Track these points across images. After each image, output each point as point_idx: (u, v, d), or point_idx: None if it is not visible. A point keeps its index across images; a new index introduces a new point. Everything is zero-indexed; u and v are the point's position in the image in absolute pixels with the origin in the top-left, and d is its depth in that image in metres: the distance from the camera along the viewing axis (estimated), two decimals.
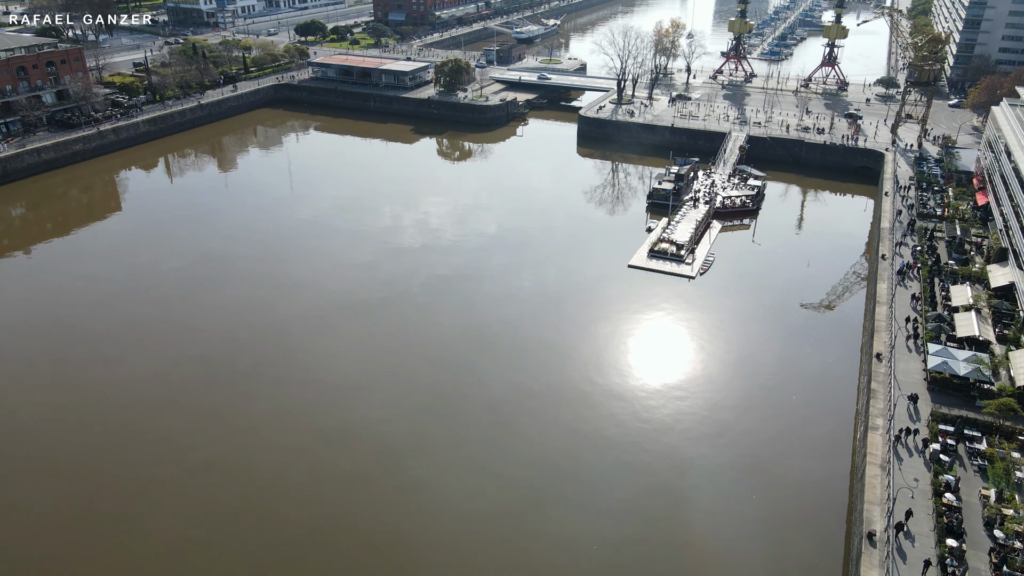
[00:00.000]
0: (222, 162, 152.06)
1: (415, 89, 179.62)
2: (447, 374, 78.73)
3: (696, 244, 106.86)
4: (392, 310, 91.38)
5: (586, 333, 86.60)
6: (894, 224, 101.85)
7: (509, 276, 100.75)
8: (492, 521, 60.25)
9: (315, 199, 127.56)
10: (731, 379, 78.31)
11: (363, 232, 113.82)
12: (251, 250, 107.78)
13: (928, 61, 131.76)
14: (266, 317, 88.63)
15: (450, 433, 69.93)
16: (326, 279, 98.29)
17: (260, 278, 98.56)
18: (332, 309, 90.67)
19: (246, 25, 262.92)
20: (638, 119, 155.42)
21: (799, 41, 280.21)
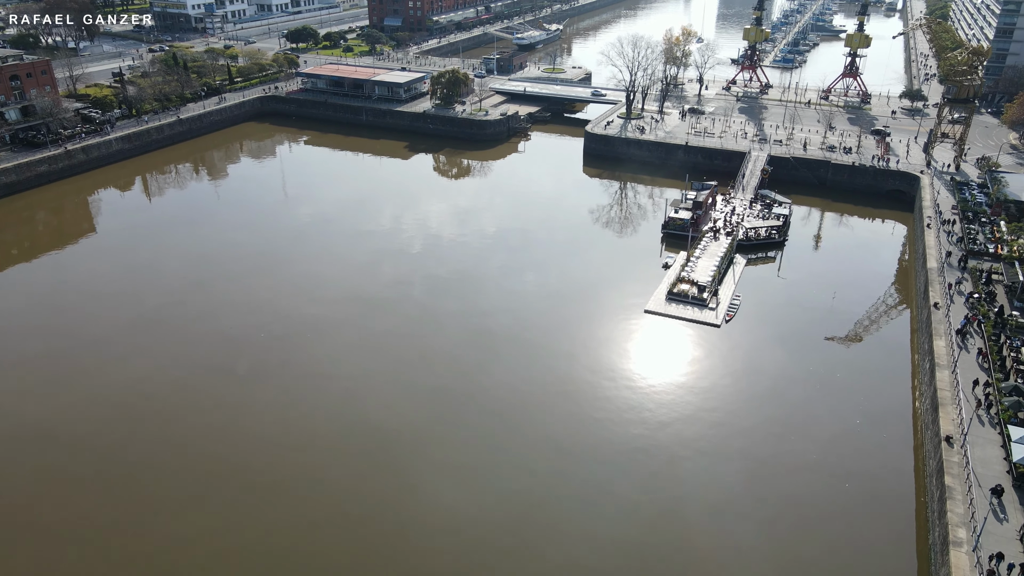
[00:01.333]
0: (200, 181, 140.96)
1: (410, 102, 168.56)
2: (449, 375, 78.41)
3: (719, 284, 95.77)
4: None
5: (596, 378, 75.80)
6: (943, 265, 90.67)
7: (516, 322, 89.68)
8: (495, 522, 60.25)
9: (303, 230, 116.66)
10: (771, 480, 67.26)
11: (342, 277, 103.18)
12: (247, 252, 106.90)
13: (968, 76, 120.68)
14: (265, 319, 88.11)
15: (452, 433, 70.03)
16: (325, 281, 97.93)
17: (257, 281, 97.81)
18: (332, 310, 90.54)
19: (235, 31, 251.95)
20: (649, 136, 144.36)
21: (812, 47, 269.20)
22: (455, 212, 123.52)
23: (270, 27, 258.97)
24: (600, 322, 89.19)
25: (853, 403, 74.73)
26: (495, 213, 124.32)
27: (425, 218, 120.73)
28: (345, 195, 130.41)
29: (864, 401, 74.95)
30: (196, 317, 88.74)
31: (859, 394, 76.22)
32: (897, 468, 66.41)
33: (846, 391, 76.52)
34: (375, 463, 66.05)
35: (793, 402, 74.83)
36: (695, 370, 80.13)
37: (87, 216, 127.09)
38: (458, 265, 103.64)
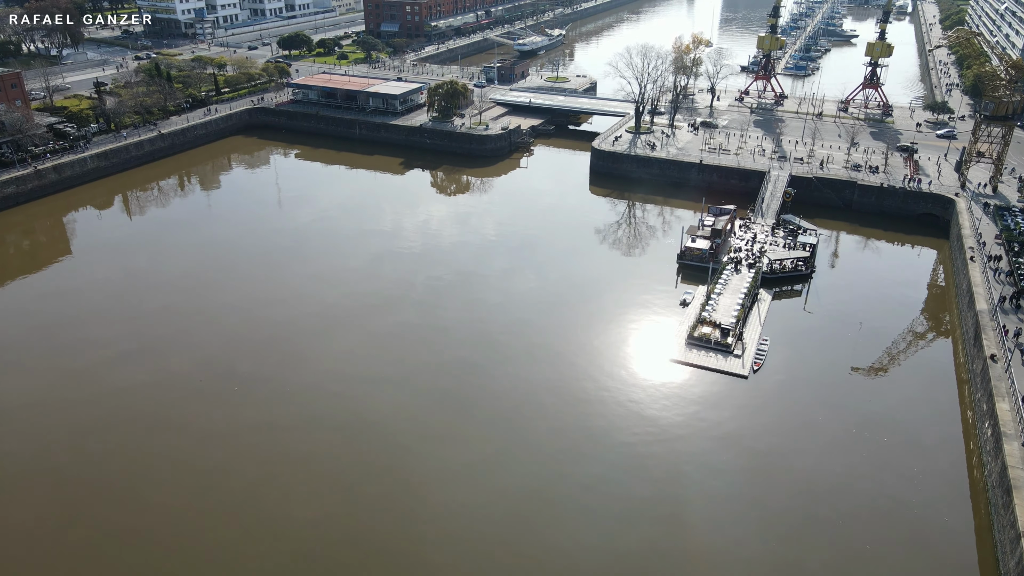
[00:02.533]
0: (183, 198, 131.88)
1: (406, 115, 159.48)
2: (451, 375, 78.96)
3: (744, 325, 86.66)
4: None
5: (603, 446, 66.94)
6: (995, 308, 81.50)
7: (523, 364, 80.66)
8: (497, 523, 60.43)
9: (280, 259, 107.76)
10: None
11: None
12: (246, 255, 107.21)
13: (1007, 92, 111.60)
14: (265, 321, 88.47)
15: (454, 434, 70.16)
16: (325, 282, 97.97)
17: (257, 283, 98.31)
18: (333, 312, 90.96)
19: (227, 36, 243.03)
20: (660, 153, 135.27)
21: (824, 53, 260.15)
22: (457, 234, 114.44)
23: (262, 33, 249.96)
24: (613, 372, 79.99)
25: (905, 474, 65.64)
26: (499, 237, 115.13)
27: (420, 250, 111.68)
28: (331, 226, 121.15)
29: (918, 473, 65.77)
30: (195, 322, 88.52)
31: (909, 463, 67.07)
32: (963, 564, 57.32)
33: (895, 461, 67.31)
34: (379, 462, 66.50)
35: (835, 482, 65.61)
36: (717, 440, 70.93)
37: (62, 237, 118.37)
38: (459, 308, 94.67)
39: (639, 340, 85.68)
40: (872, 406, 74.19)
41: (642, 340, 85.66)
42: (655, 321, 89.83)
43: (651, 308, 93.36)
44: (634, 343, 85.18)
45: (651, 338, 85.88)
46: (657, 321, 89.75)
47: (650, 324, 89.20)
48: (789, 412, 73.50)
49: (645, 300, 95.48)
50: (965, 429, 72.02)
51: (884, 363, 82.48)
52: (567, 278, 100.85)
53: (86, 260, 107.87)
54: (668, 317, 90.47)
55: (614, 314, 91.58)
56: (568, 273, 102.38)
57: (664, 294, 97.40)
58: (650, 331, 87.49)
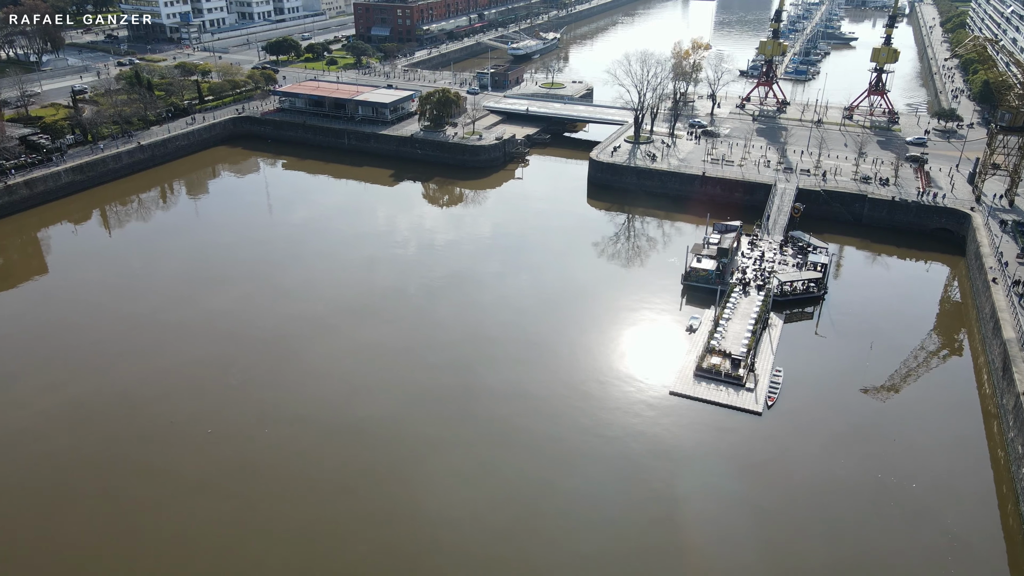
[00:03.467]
0: (164, 213, 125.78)
1: (396, 124, 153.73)
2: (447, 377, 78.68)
3: (755, 355, 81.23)
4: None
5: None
6: (1023, 336, 76.36)
7: (530, 407, 75.10)
8: (492, 524, 60.56)
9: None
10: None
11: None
12: (243, 256, 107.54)
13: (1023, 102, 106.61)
14: (260, 323, 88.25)
15: (450, 435, 70.05)
16: (320, 284, 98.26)
17: (252, 284, 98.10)
18: (328, 313, 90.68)
19: (213, 41, 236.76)
20: (661, 164, 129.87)
21: (823, 56, 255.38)
22: (452, 244, 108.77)
23: (250, 37, 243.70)
24: (616, 410, 74.39)
25: (937, 525, 60.33)
26: (494, 250, 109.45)
27: (405, 268, 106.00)
28: (307, 248, 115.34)
29: (951, 526, 60.45)
30: (187, 324, 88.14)
31: (942, 513, 61.77)
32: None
33: (926, 510, 62.00)
34: (374, 464, 66.39)
35: (866, 547, 60.19)
36: (730, 485, 65.48)
37: (37, 254, 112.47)
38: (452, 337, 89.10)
39: (643, 372, 80.00)
40: (896, 449, 68.75)
41: (647, 371, 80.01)
42: (660, 350, 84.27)
43: (656, 334, 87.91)
44: (638, 375, 79.49)
45: (656, 369, 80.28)
46: (663, 350, 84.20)
47: (655, 353, 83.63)
48: (808, 457, 67.88)
49: (650, 326, 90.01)
50: (997, 472, 66.70)
51: (904, 394, 77.23)
52: (565, 300, 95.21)
53: (63, 275, 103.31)
54: (674, 345, 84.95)
55: (617, 345, 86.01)
56: (566, 294, 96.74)
57: (669, 319, 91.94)
58: (655, 361, 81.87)
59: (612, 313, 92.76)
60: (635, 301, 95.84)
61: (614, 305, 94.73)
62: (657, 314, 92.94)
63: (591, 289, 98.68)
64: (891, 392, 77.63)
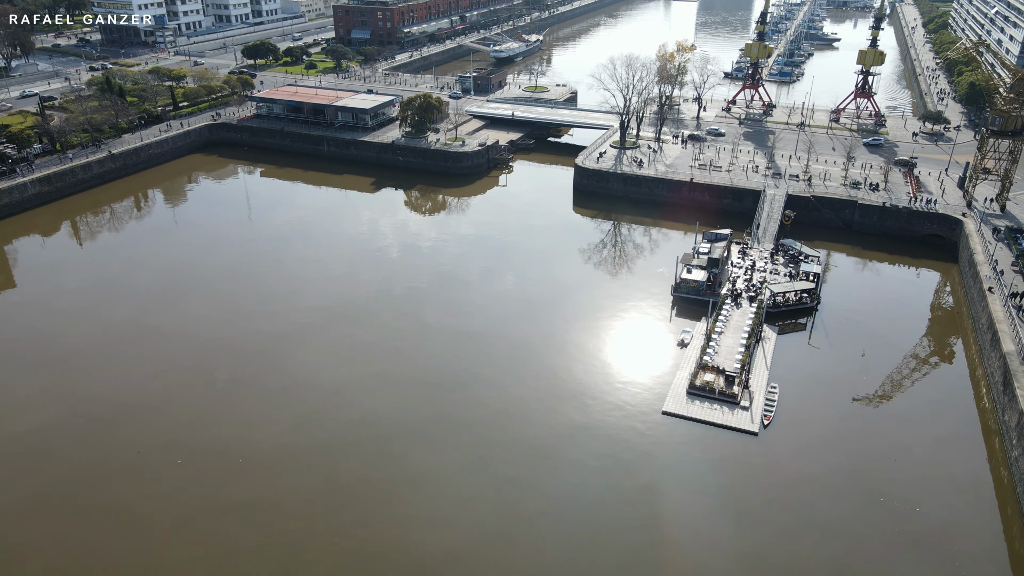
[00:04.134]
0: (137, 224, 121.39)
1: (377, 130, 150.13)
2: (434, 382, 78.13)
3: (750, 371, 78.69)
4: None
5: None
6: (1023, 350, 74.34)
7: (515, 420, 72.02)
8: (482, 526, 60.20)
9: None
10: None
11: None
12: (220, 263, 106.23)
13: (1015, 106, 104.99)
14: (244, 329, 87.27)
15: (439, 438, 69.71)
16: (303, 288, 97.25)
17: (233, 290, 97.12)
18: (313, 317, 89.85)
19: (189, 45, 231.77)
20: (648, 171, 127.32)
21: (807, 57, 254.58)
22: (433, 249, 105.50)
23: (227, 41, 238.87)
24: (604, 429, 71.51)
25: (943, 553, 57.97)
26: (476, 254, 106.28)
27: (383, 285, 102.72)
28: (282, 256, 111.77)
29: (957, 550, 58.09)
30: (169, 329, 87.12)
31: (947, 539, 59.41)
32: None
33: (931, 536, 59.64)
34: (362, 469, 65.96)
35: (868, 565, 57.71)
36: (728, 511, 62.82)
37: (4, 267, 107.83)
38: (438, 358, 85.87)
39: (635, 390, 77.21)
40: (898, 470, 66.36)
41: (638, 389, 77.24)
42: (651, 366, 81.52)
43: (647, 349, 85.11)
44: (630, 394, 76.66)
45: (648, 387, 77.55)
46: (654, 366, 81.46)
47: (646, 370, 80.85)
48: (807, 481, 65.21)
49: (640, 340, 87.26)
50: (1001, 493, 64.48)
51: (903, 410, 74.97)
52: (552, 313, 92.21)
53: (32, 288, 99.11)
54: (666, 360, 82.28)
55: (606, 362, 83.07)
56: (553, 307, 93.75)
57: (660, 331, 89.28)
58: (646, 378, 79.14)
59: (601, 326, 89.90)
60: (624, 314, 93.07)
61: (603, 318, 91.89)
62: (647, 327, 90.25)
63: (578, 301, 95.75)
64: (889, 408, 75.41)
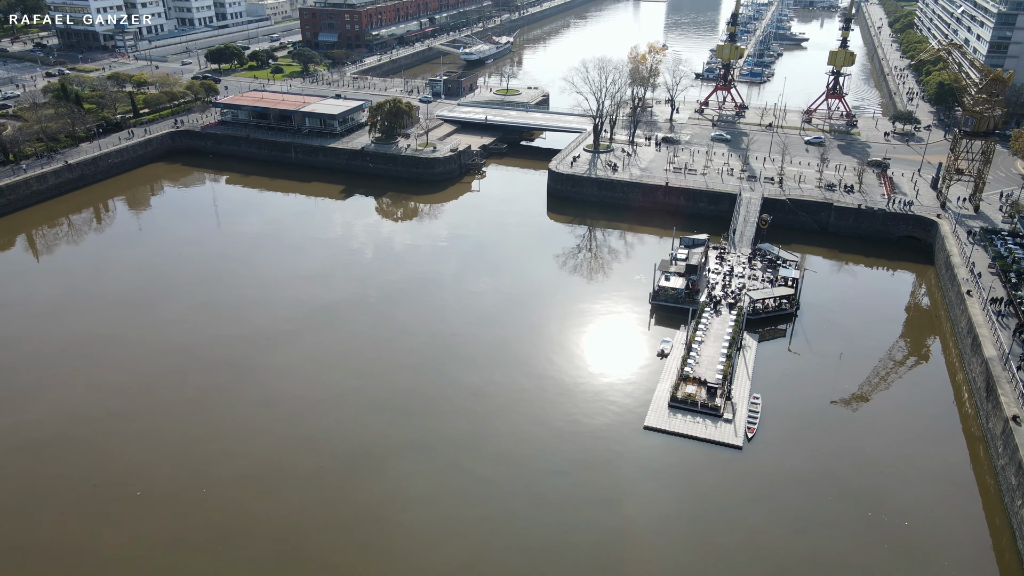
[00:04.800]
0: (91, 238, 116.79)
1: (346, 136, 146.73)
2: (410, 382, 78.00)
3: (732, 381, 77.10)
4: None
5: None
6: (1006, 356, 73.54)
7: (489, 437, 69.50)
8: (463, 530, 59.62)
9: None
10: None
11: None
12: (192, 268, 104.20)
13: (987, 106, 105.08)
14: (217, 334, 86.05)
15: (416, 441, 69.04)
16: (276, 292, 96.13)
17: (204, 297, 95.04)
18: (287, 322, 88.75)
19: (150, 49, 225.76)
20: (623, 175, 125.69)
21: (777, 57, 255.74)
22: (406, 252, 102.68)
23: (190, 45, 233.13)
24: (584, 445, 69.35)
25: (932, 568, 56.68)
26: (450, 265, 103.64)
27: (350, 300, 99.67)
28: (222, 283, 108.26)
29: (947, 566, 56.85)
30: (138, 337, 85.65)
31: (936, 554, 58.22)
32: None
33: (920, 551, 58.36)
34: (341, 474, 65.22)
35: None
36: (713, 529, 61.02)
37: None
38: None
39: (614, 404, 75.18)
40: (885, 483, 65.00)
41: (618, 403, 75.23)
42: (631, 377, 79.62)
43: (626, 359, 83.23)
44: (609, 408, 74.61)
45: (628, 400, 75.60)
46: (633, 377, 79.58)
47: (625, 381, 78.94)
48: (793, 496, 63.63)
49: (618, 350, 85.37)
50: (987, 502, 63.50)
51: (886, 418, 73.82)
52: (528, 324, 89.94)
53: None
54: (646, 372, 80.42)
55: (584, 373, 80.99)
56: (528, 318, 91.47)
57: (639, 341, 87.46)
58: (626, 390, 77.21)
59: (579, 336, 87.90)
60: (602, 323, 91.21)
61: (580, 327, 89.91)
62: (626, 337, 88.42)
63: (555, 310, 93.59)
64: (873, 418, 74.21)
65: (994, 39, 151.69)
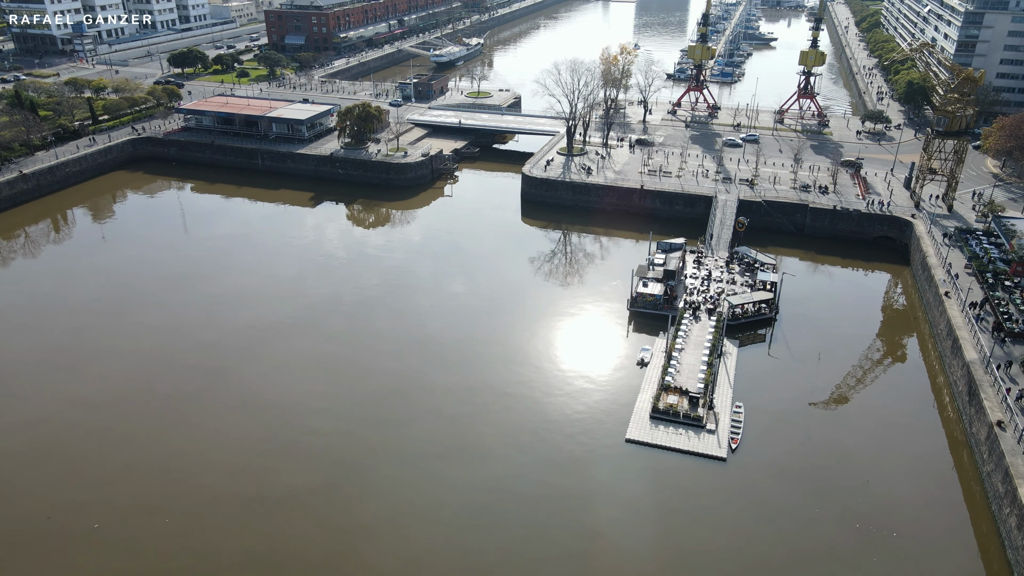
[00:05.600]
0: (49, 250, 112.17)
1: (315, 141, 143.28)
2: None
3: (714, 390, 75.65)
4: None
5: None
6: (987, 359, 73.00)
7: (466, 446, 67.17)
8: (441, 535, 58.81)
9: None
10: None
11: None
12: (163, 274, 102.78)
13: (959, 106, 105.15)
14: (190, 340, 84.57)
15: (393, 443, 68.57)
16: (248, 299, 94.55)
17: (174, 305, 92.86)
18: (261, 327, 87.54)
19: (110, 53, 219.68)
20: (598, 178, 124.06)
21: (747, 57, 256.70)
22: (380, 259, 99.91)
23: (152, 48, 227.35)
24: (564, 461, 67.37)
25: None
26: (425, 268, 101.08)
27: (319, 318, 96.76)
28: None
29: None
30: (112, 343, 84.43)
31: (926, 567, 57.12)
32: None
33: (909, 564, 57.20)
34: (319, 478, 64.29)
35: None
36: (698, 546, 59.37)
37: None
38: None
39: (595, 416, 73.31)
40: (871, 492, 63.90)
41: (599, 415, 73.37)
42: (611, 387, 77.82)
43: (605, 369, 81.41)
44: (590, 420, 72.72)
45: (609, 412, 73.76)
46: (613, 387, 77.77)
47: (605, 391, 77.13)
48: (780, 509, 62.20)
49: (597, 359, 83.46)
50: (974, 510, 62.59)
51: (867, 423, 72.83)
52: (503, 333, 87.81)
53: None
54: (626, 382, 78.66)
55: (563, 383, 78.94)
56: (504, 327, 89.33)
57: (618, 349, 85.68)
58: (606, 401, 75.37)
59: (557, 344, 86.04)
60: (580, 331, 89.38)
61: (557, 335, 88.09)
62: (604, 345, 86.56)
63: (531, 317, 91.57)
64: (856, 424, 73.15)
65: (962, 38, 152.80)
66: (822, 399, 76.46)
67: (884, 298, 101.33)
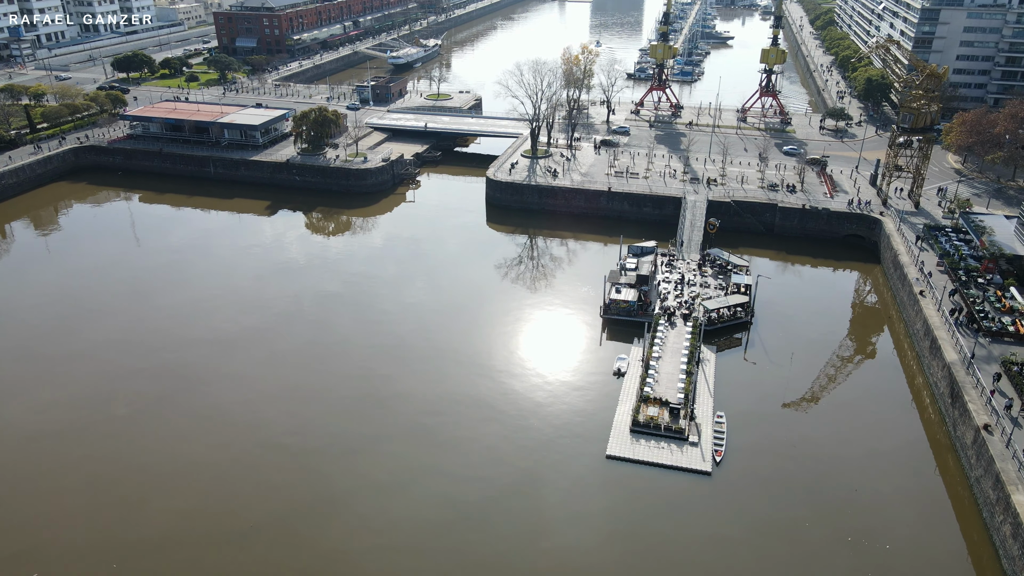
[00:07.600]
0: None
1: (269, 148, 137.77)
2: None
3: (694, 400, 73.22)
4: None
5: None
6: (967, 360, 71.91)
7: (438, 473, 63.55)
8: (415, 538, 57.55)
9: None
10: None
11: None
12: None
13: (924, 103, 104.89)
14: (147, 358, 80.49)
15: (364, 460, 66.06)
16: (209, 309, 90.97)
17: (131, 316, 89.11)
18: (221, 340, 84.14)
19: (50, 58, 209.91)
20: (564, 181, 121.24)
21: (705, 55, 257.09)
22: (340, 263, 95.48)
23: (94, 53, 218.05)
24: (543, 482, 64.19)
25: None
26: (387, 269, 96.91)
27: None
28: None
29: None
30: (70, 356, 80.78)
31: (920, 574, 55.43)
32: None
33: (906, 574, 55.48)
34: (288, 485, 62.69)
35: None
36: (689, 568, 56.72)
37: None
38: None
39: (572, 432, 70.25)
40: (859, 501, 62.06)
41: (575, 430, 70.33)
42: (587, 400, 74.86)
43: (580, 380, 78.40)
44: (567, 436, 69.63)
45: (585, 425, 70.79)
46: (590, 399, 74.83)
47: (582, 404, 74.13)
48: (771, 523, 59.94)
49: (571, 369, 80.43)
50: (963, 518, 61.14)
51: (851, 428, 71.27)
52: (472, 347, 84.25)
53: None
54: (602, 392, 75.80)
55: (537, 397, 75.71)
56: (471, 339, 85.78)
57: (592, 358, 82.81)
58: (583, 415, 72.37)
59: (529, 356, 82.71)
60: (552, 341, 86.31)
61: (529, 346, 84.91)
62: (578, 355, 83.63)
63: (500, 331, 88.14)
64: (838, 429, 71.50)
65: (919, 34, 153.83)
66: (802, 405, 74.74)
67: (856, 296, 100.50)
